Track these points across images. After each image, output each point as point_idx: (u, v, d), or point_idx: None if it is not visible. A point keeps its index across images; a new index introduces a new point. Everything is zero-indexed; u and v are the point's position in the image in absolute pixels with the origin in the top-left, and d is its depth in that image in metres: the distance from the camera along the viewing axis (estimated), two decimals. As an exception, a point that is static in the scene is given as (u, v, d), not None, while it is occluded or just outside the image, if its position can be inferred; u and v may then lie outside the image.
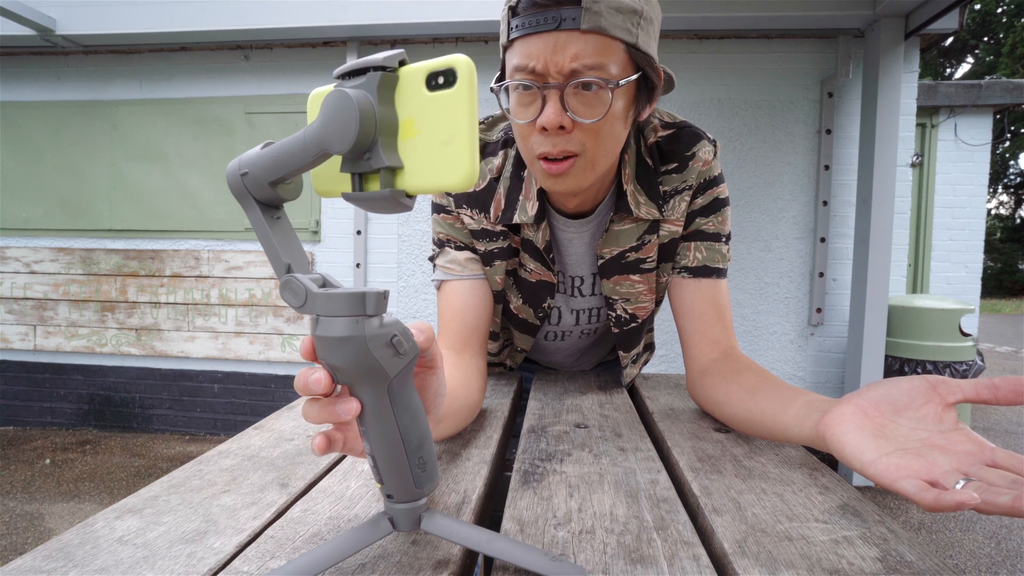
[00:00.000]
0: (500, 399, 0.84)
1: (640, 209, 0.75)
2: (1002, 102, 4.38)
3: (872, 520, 0.46)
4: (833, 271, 3.07)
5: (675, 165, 0.76)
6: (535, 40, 0.60)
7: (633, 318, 0.85)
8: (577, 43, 0.59)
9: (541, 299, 0.85)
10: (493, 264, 0.81)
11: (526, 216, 0.76)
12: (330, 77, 3.25)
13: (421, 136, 0.33)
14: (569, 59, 0.59)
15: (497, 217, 0.78)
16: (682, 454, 0.61)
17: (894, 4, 2.54)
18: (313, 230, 3.43)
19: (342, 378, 0.36)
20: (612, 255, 0.79)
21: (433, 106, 0.32)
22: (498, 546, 0.38)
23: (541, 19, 0.59)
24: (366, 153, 0.33)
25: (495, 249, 0.80)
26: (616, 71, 0.61)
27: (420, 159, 0.33)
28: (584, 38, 0.59)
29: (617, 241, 0.78)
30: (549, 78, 0.61)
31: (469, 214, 0.79)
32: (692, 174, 0.76)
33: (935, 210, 4.38)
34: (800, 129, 3.04)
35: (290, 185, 0.36)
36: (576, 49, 0.59)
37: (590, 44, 0.59)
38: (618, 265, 0.80)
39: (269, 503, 0.49)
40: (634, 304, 0.84)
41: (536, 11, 0.59)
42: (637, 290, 0.82)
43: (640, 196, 0.75)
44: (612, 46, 0.60)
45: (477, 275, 0.81)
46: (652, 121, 0.77)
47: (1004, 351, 6.83)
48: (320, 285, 0.36)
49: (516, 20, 0.61)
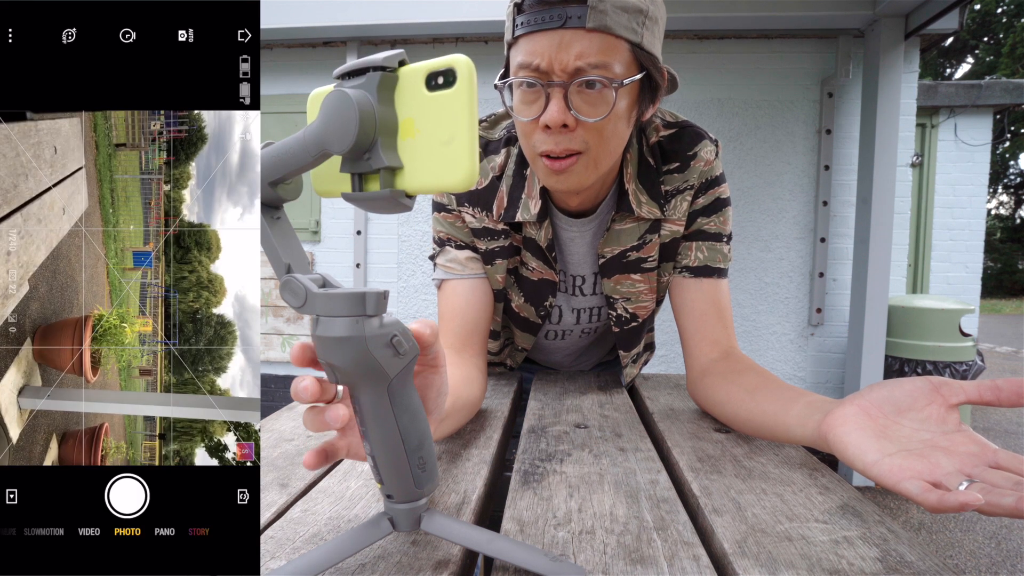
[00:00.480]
0: (500, 399, 0.84)
1: (642, 208, 0.75)
2: (1002, 102, 4.38)
3: (872, 520, 0.46)
4: (833, 271, 3.07)
5: (677, 165, 0.76)
6: (540, 38, 0.60)
7: (634, 317, 0.85)
8: (582, 41, 0.59)
9: (543, 298, 0.85)
10: (494, 263, 0.81)
11: (528, 214, 0.76)
12: (330, 77, 3.23)
13: (421, 136, 0.33)
14: (574, 57, 0.59)
15: (500, 215, 0.78)
16: (682, 454, 0.61)
17: (894, 4, 2.54)
18: (313, 230, 3.43)
19: (342, 378, 0.36)
20: (613, 254, 0.79)
21: (433, 106, 0.32)
22: (498, 546, 0.38)
23: (547, 16, 0.59)
24: (366, 153, 0.33)
25: (496, 248, 0.80)
26: (620, 70, 0.61)
27: (420, 159, 0.33)
28: (589, 36, 0.59)
29: (618, 240, 0.78)
30: (553, 76, 0.60)
31: (471, 212, 0.79)
32: (694, 174, 0.76)
33: (935, 210, 4.37)
34: (800, 129, 3.04)
35: (290, 185, 0.36)
36: (581, 47, 0.59)
37: (595, 43, 0.59)
38: (619, 264, 0.80)
39: (269, 503, 0.49)
40: (635, 304, 0.83)
41: (542, 8, 0.59)
42: (638, 289, 0.82)
43: (642, 195, 0.75)
44: (617, 45, 0.60)
45: (477, 274, 0.81)
46: (654, 121, 0.77)
47: (1004, 351, 6.83)
48: (320, 285, 0.36)
49: (521, 17, 0.61)
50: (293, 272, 0.35)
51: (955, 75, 18.01)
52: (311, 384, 0.35)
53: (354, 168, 0.34)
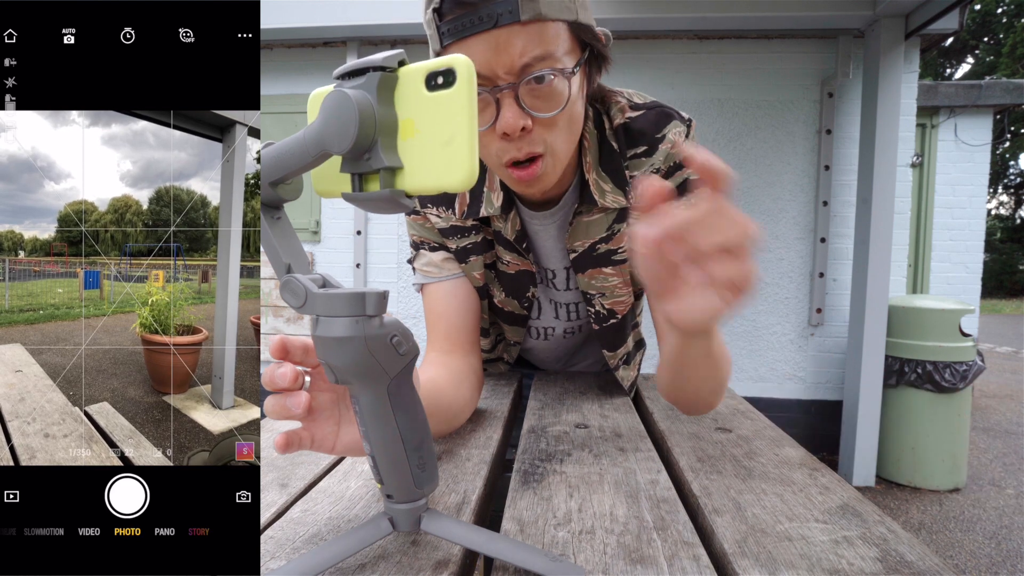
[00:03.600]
0: (500, 399, 0.84)
1: (605, 198, 0.72)
2: (1002, 102, 4.38)
3: (872, 520, 0.46)
4: (833, 271, 3.07)
5: (644, 149, 0.71)
6: (473, 43, 0.55)
7: (612, 314, 0.82)
8: (520, 37, 0.54)
9: (524, 289, 0.83)
10: (468, 260, 0.79)
11: (493, 208, 0.73)
12: (330, 77, 3.24)
13: (421, 136, 0.33)
14: (517, 56, 0.55)
15: (463, 212, 0.75)
16: (682, 454, 0.61)
17: (894, 4, 2.54)
18: (313, 230, 3.43)
19: (342, 378, 0.36)
20: (583, 248, 0.76)
21: (432, 106, 0.32)
22: (498, 546, 0.38)
23: (475, 19, 0.54)
24: (366, 153, 0.33)
25: (468, 245, 0.78)
26: (564, 54, 0.57)
27: (420, 160, 0.33)
28: (526, 30, 0.54)
29: (587, 233, 0.75)
30: (499, 80, 0.56)
31: (436, 212, 0.77)
32: (660, 156, 0.71)
33: (935, 210, 4.37)
34: (800, 129, 3.04)
35: (290, 185, 0.37)
36: (521, 44, 0.54)
37: (533, 34, 0.55)
38: (590, 258, 0.77)
39: (269, 503, 0.49)
40: (611, 299, 0.81)
41: (467, 11, 0.54)
42: (611, 283, 0.79)
43: (605, 184, 0.71)
44: (555, 29, 0.56)
45: (455, 274, 0.79)
46: (620, 102, 0.73)
47: (1004, 351, 6.83)
48: (320, 285, 0.36)
49: (446, 24, 0.55)
50: (293, 272, 0.35)
51: (955, 75, 18.01)
52: (288, 370, 0.36)
53: (354, 168, 0.34)
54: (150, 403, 1.65)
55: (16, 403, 1.44)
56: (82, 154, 1.68)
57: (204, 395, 1.67)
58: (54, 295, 3.31)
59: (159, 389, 1.74)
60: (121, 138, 2.51)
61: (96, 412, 1.47)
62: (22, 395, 1.50)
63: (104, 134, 2.48)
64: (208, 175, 1.89)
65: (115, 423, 1.41)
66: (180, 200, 2.00)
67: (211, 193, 2.08)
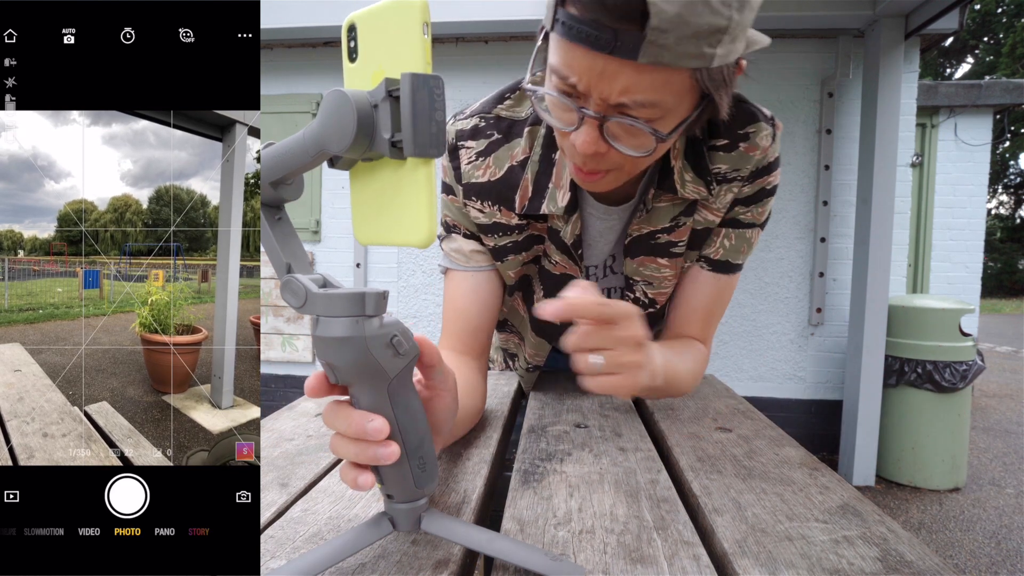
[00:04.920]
0: (500, 399, 0.84)
1: (686, 188, 0.67)
2: (1002, 102, 4.38)
3: (872, 520, 0.46)
4: (833, 271, 3.07)
5: (725, 143, 0.67)
6: (582, 54, 0.48)
7: (652, 303, 0.79)
8: (629, 76, 0.48)
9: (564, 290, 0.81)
10: (505, 259, 0.75)
11: (556, 207, 0.68)
12: (330, 77, 3.25)
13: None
14: (617, 92, 0.49)
15: (523, 207, 0.70)
16: (682, 454, 0.61)
17: (894, 4, 2.54)
18: (313, 230, 3.43)
19: (342, 378, 0.36)
20: (641, 233, 0.72)
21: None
22: (498, 546, 0.38)
23: (595, 33, 0.46)
24: (366, 153, 0.33)
25: (508, 243, 0.73)
26: (675, 103, 0.51)
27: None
28: (639, 71, 0.48)
29: (650, 220, 0.71)
30: (590, 104, 0.51)
31: (479, 207, 0.72)
32: (748, 163, 0.67)
33: (935, 210, 4.37)
34: (800, 129, 3.04)
35: (291, 185, 0.37)
36: (627, 82, 0.48)
37: (645, 79, 0.48)
38: (647, 245, 0.73)
39: (269, 503, 0.49)
40: (656, 289, 0.77)
41: (591, 19, 0.46)
42: (663, 275, 0.76)
43: (687, 173, 0.67)
44: (674, 78, 0.49)
45: (482, 267, 0.75)
46: None
47: (1004, 351, 6.83)
48: (320, 285, 0.36)
49: (563, 13, 0.48)
50: (294, 272, 0.35)
51: (955, 75, 18.01)
52: (381, 423, 0.36)
53: (352, 166, 0.34)
54: (149, 403, 1.65)
55: (15, 403, 1.44)
56: (82, 153, 1.67)
57: (204, 395, 1.67)
58: (54, 294, 3.30)
59: (159, 389, 1.74)
60: (122, 137, 2.50)
61: (95, 412, 1.47)
62: (21, 395, 1.50)
63: (105, 133, 2.48)
64: (208, 175, 1.88)
65: (114, 423, 1.41)
66: (180, 199, 2.00)
67: (211, 193, 2.08)
